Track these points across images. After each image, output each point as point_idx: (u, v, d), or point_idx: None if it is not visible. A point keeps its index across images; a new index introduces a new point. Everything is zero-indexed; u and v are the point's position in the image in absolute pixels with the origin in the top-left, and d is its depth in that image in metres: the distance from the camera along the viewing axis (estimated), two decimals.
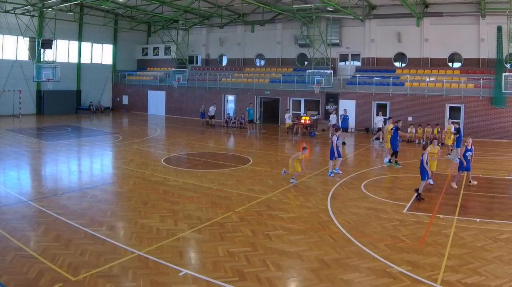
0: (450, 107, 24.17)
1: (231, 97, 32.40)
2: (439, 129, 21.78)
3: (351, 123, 25.26)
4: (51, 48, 30.82)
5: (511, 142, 21.93)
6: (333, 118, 23.46)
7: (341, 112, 23.84)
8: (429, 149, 12.02)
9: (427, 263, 7.11)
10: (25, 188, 11.97)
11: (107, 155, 17.98)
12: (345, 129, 21.62)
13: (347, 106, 24.32)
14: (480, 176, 14.22)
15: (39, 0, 27.25)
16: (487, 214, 9.83)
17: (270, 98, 30.70)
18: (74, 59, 35.87)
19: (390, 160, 16.09)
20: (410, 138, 22.31)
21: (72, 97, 35.63)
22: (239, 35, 35.44)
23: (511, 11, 23.02)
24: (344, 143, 21.16)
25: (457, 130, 17.50)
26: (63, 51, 34.55)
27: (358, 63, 30.64)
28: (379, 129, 21.70)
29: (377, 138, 21.82)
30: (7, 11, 27.71)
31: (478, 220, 9.35)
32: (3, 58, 30.90)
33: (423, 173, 11.18)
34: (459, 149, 16.54)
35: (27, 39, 30.99)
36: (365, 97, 26.49)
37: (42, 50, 30.66)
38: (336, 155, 13.86)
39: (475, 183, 12.81)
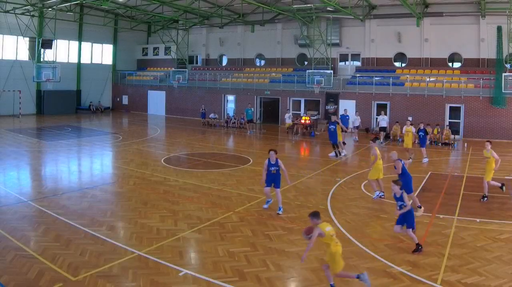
0: (450, 107, 24.17)
1: (231, 97, 32.39)
2: (438, 130, 21.81)
3: (351, 123, 25.23)
4: (51, 48, 30.82)
5: (511, 143, 21.92)
6: (356, 119, 23.28)
7: (341, 112, 23.95)
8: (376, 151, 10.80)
9: (427, 263, 7.11)
10: (25, 188, 11.96)
11: (107, 155, 17.98)
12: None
13: (347, 107, 24.32)
14: (480, 176, 14.18)
15: (39, 0, 27.26)
16: (487, 214, 9.82)
17: (270, 98, 30.70)
18: (74, 59, 35.86)
19: (337, 152, 17.32)
20: None
21: (72, 97, 35.63)
22: (239, 35, 35.43)
23: (511, 11, 23.02)
24: (344, 143, 21.22)
25: (425, 132, 16.78)
26: (63, 51, 34.53)
27: (358, 63, 30.63)
28: (382, 128, 22.33)
29: (377, 138, 22.12)
30: (7, 11, 27.71)
31: (478, 220, 9.35)
32: (3, 58, 30.89)
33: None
34: (423, 148, 16.41)
35: (27, 39, 30.98)
36: (365, 97, 26.48)
37: (42, 50, 30.67)
38: None
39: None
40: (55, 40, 30.89)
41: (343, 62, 31.64)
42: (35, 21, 30.54)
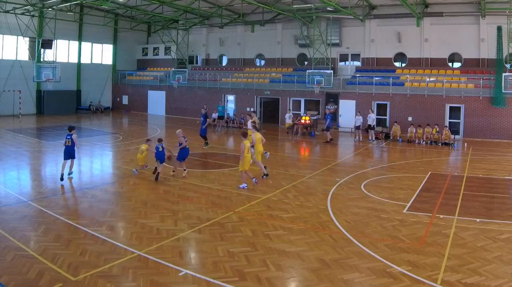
0: (450, 107, 24.17)
1: (231, 97, 32.41)
2: (437, 129, 21.83)
3: (351, 123, 25.27)
4: (51, 48, 30.80)
5: (511, 143, 21.92)
6: (357, 119, 23.14)
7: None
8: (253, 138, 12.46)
9: (427, 263, 7.11)
10: (25, 188, 11.96)
11: (107, 155, 17.97)
12: (327, 128, 21.96)
13: (347, 106, 24.42)
14: (480, 176, 14.22)
15: (39, 0, 27.25)
16: (487, 214, 9.82)
17: (270, 98, 30.70)
18: (74, 59, 35.87)
19: (205, 143, 19.26)
20: (410, 138, 22.32)
21: (72, 97, 35.63)
22: (239, 35, 35.43)
23: (511, 11, 23.03)
24: (331, 139, 21.48)
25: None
26: (63, 51, 34.54)
27: (358, 63, 30.63)
28: (370, 126, 22.90)
29: (377, 138, 22.58)
30: (7, 11, 27.71)
31: (478, 220, 9.34)
32: (3, 58, 30.89)
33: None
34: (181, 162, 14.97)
35: (27, 39, 30.99)
36: (365, 97, 26.47)
37: (42, 50, 30.66)
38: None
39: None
40: (55, 40, 30.88)
41: (343, 62, 31.64)
42: (35, 21, 30.54)
